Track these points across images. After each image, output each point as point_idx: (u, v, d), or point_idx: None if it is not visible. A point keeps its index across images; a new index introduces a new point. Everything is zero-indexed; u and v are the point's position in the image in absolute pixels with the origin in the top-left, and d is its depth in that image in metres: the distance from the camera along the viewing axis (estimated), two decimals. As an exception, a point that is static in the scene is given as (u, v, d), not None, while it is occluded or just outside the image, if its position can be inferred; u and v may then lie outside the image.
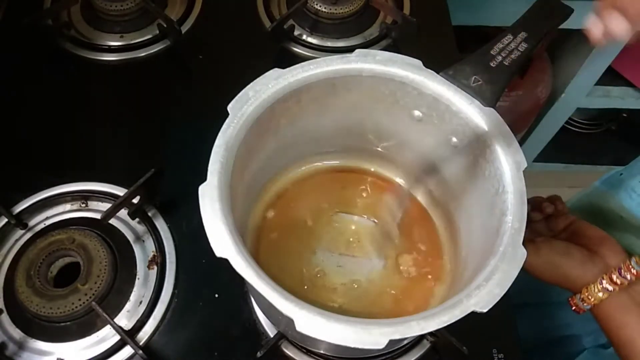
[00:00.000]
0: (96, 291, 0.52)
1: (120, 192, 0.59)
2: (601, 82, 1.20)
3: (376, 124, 0.50)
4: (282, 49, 0.74)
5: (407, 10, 0.78)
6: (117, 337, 0.51)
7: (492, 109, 0.43)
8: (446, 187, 0.51)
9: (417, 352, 0.54)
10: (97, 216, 0.57)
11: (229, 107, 0.41)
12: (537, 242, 0.55)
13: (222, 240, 0.35)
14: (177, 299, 0.55)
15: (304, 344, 0.53)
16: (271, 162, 0.49)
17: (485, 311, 0.34)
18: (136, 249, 0.57)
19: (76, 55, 0.71)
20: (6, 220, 0.57)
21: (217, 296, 0.55)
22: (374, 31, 0.76)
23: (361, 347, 0.32)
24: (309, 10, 0.75)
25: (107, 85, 0.70)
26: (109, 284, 0.53)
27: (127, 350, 0.51)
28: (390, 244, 0.52)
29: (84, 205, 0.59)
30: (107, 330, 0.52)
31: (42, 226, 0.58)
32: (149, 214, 0.59)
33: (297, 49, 0.74)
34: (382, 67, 0.44)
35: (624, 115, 1.50)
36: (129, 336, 0.50)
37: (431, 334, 0.53)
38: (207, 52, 0.73)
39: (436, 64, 0.44)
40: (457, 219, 0.50)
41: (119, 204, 0.55)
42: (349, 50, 0.52)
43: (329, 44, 0.75)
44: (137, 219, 0.58)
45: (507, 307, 0.56)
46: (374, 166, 0.56)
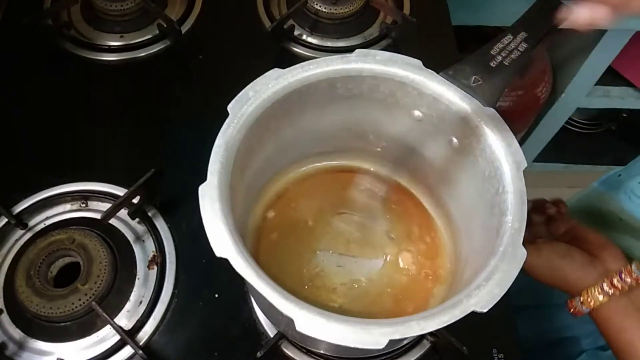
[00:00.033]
0: (96, 291, 0.52)
1: (120, 192, 0.59)
2: (601, 82, 1.20)
3: (376, 124, 0.50)
4: (282, 49, 0.74)
5: (407, 10, 0.78)
6: (117, 337, 0.51)
7: (492, 109, 0.43)
8: (446, 186, 0.51)
9: (417, 352, 0.54)
10: (97, 216, 0.57)
11: (229, 107, 0.41)
12: (538, 243, 0.55)
13: (222, 240, 0.35)
14: (177, 299, 0.55)
15: (304, 344, 0.53)
16: (271, 162, 0.49)
17: (485, 311, 0.34)
18: (136, 249, 0.57)
19: (76, 55, 0.71)
20: (6, 220, 0.57)
21: (217, 296, 0.55)
22: (374, 31, 0.77)
23: (361, 347, 0.32)
24: (309, 10, 0.75)
25: (107, 85, 0.70)
26: (109, 284, 0.53)
27: (127, 350, 0.51)
28: (390, 243, 0.52)
29: (84, 205, 0.60)
30: (107, 330, 0.52)
31: (42, 226, 0.58)
32: (149, 214, 0.59)
33: (297, 49, 0.74)
34: (382, 67, 0.44)
35: (624, 115, 1.50)
36: (129, 336, 0.50)
37: (431, 334, 0.53)
38: (207, 52, 0.73)
39: (436, 64, 0.44)
40: (457, 219, 0.50)
41: (119, 204, 0.55)
42: (349, 50, 0.52)
43: (329, 44, 0.75)
44: (137, 219, 0.58)
45: (507, 307, 0.56)
46: (374, 166, 0.56)
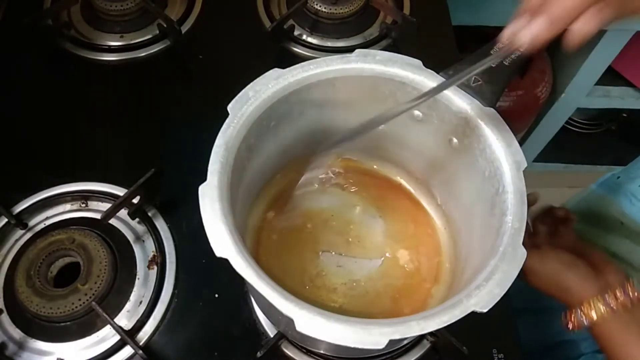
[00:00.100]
0: (96, 291, 0.52)
1: (120, 192, 0.59)
2: (601, 82, 1.20)
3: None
4: (282, 49, 0.74)
5: (407, 10, 0.78)
6: (117, 337, 0.51)
7: (492, 109, 0.43)
8: (446, 186, 0.51)
9: (417, 352, 0.54)
10: (97, 216, 0.57)
11: (229, 107, 0.41)
12: (543, 249, 0.54)
13: (222, 240, 0.35)
14: (177, 299, 0.55)
15: (304, 344, 0.53)
16: (271, 162, 0.49)
17: (485, 311, 0.34)
18: (136, 249, 0.57)
19: (76, 55, 0.71)
20: (6, 220, 0.57)
21: (217, 296, 0.55)
22: (374, 31, 0.76)
23: (361, 347, 0.32)
24: (309, 10, 0.75)
25: (107, 85, 0.70)
26: (109, 284, 0.53)
27: (127, 350, 0.51)
28: (389, 243, 0.52)
29: (84, 205, 0.59)
30: (107, 330, 0.52)
31: (42, 226, 0.58)
32: (149, 214, 0.59)
33: (297, 49, 0.74)
34: (382, 67, 0.44)
35: (624, 115, 1.50)
36: (129, 336, 0.50)
37: (431, 334, 0.53)
38: (207, 52, 0.73)
39: (436, 64, 0.44)
40: (457, 219, 0.50)
41: (119, 204, 0.55)
42: (349, 50, 0.52)
43: (329, 44, 0.75)
44: (137, 219, 0.58)
45: (507, 307, 0.56)
46: (374, 165, 0.56)
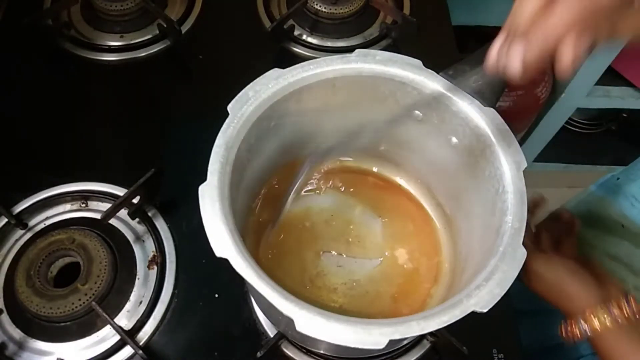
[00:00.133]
0: (96, 291, 0.52)
1: (120, 192, 0.59)
2: (601, 82, 1.20)
3: (376, 124, 0.50)
4: (282, 49, 0.74)
5: (407, 10, 0.78)
6: (117, 337, 0.51)
7: (492, 109, 0.43)
8: (446, 187, 0.51)
9: (417, 352, 0.54)
10: (97, 216, 0.57)
11: (229, 107, 0.41)
12: (549, 254, 0.54)
13: (222, 240, 0.35)
14: (177, 299, 0.55)
15: (304, 344, 0.53)
16: (271, 162, 0.49)
17: (485, 311, 0.34)
18: (136, 249, 0.57)
19: (76, 55, 0.71)
20: (6, 220, 0.57)
21: (217, 296, 0.55)
22: (374, 31, 0.77)
23: (361, 347, 0.32)
24: (309, 10, 0.75)
25: (107, 85, 0.70)
26: (109, 284, 0.53)
27: (127, 350, 0.51)
28: (389, 243, 0.52)
29: (84, 205, 0.59)
30: (107, 330, 0.52)
31: (42, 226, 0.58)
32: (149, 214, 0.59)
33: (297, 49, 0.74)
34: (382, 67, 0.44)
35: (624, 115, 1.50)
36: (129, 336, 0.50)
37: (431, 334, 0.53)
38: (207, 52, 0.73)
39: (436, 64, 0.44)
40: (457, 219, 0.50)
41: (119, 204, 0.55)
42: (349, 50, 0.52)
43: (329, 44, 0.75)
44: (137, 219, 0.58)
45: (507, 307, 0.56)
46: (374, 166, 0.56)
